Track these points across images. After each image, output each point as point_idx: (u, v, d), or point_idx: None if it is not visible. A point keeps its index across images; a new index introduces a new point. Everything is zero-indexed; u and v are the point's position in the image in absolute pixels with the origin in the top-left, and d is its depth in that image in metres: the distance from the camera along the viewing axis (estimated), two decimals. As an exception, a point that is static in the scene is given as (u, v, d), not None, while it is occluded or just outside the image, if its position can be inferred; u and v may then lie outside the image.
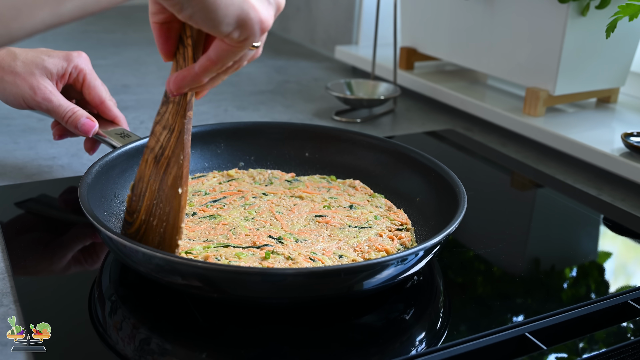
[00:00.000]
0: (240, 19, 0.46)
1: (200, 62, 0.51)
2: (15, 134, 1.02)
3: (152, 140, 0.56)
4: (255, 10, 0.47)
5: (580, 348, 0.59)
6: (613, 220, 0.84)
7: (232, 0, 0.45)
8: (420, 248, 0.57)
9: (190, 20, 0.46)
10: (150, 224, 0.58)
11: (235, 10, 0.45)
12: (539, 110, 1.07)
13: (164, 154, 0.55)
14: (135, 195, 0.58)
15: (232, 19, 0.46)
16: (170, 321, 0.59)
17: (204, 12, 0.45)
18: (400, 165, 0.79)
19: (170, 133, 0.55)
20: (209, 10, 0.45)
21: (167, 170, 0.55)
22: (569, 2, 0.98)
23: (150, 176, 0.56)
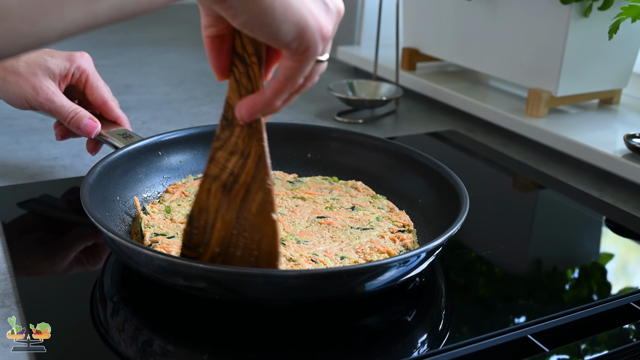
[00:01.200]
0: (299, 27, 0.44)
1: (271, 86, 0.48)
2: (18, 134, 1.02)
3: (215, 169, 0.52)
4: (314, 17, 0.44)
5: (582, 350, 0.59)
6: (615, 222, 0.84)
7: (290, 6, 0.42)
8: (422, 250, 0.57)
9: (246, 28, 0.43)
10: (232, 255, 0.54)
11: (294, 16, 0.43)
12: (541, 111, 1.07)
13: (237, 181, 0.52)
14: (198, 228, 0.54)
15: (291, 25, 0.43)
16: (172, 322, 0.59)
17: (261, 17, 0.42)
18: (402, 166, 0.79)
19: (244, 158, 0.51)
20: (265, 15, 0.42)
21: (248, 198, 0.52)
22: (571, 3, 0.98)
23: (219, 206, 0.53)
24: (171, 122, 1.12)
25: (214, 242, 0.54)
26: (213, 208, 0.53)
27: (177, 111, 1.18)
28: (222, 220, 0.53)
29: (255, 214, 0.52)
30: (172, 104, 1.22)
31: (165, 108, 1.20)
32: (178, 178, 0.80)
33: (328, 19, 0.45)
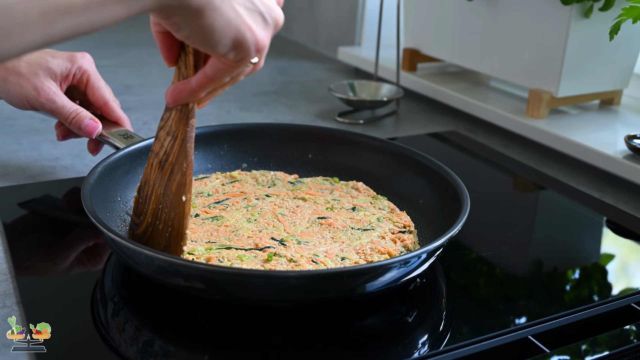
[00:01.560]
0: (236, 41, 0.47)
1: (197, 78, 0.52)
2: (19, 134, 1.02)
3: (157, 145, 0.57)
4: (251, 32, 0.47)
5: (583, 351, 0.59)
6: (616, 223, 0.84)
7: (228, 23, 0.46)
8: (423, 251, 0.57)
9: (187, 40, 0.47)
10: (157, 228, 0.58)
11: (231, 32, 0.46)
12: (542, 112, 1.07)
13: (168, 159, 0.56)
14: (142, 197, 0.59)
15: (229, 40, 0.47)
16: (172, 323, 0.59)
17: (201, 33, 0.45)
18: (403, 167, 0.79)
19: (174, 140, 0.55)
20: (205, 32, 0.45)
21: (172, 177, 0.56)
22: (572, 4, 0.98)
23: (155, 180, 0.57)
24: (172, 123, 1.12)
25: (149, 212, 0.58)
26: (152, 181, 0.57)
27: (178, 112, 1.18)
28: (155, 193, 0.57)
29: (173, 193, 0.56)
30: (173, 104, 1.22)
31: (166, 108, 1.20)
32: (179, 178, 0.80)
33: (265, 33, 0.49)
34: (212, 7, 0.44)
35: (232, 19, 0.46)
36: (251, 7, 0.47)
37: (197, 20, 0.44)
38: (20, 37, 0.36)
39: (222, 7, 0.45)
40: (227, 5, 0.45)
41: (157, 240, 0.60)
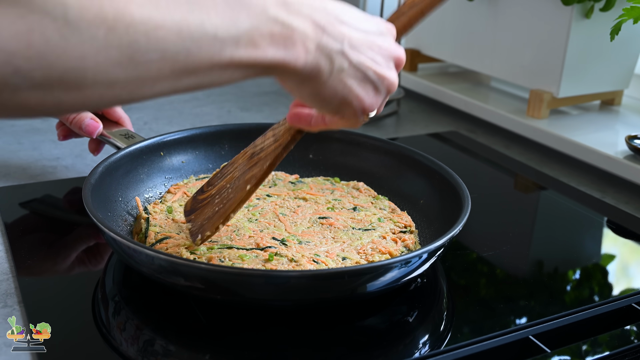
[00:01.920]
0: (343, 106, 0.51)
1: (316, 119, 0.56)
2: (19, 134, 1.02)
3: (260, 140, 0.62)
4: (358, 100, 0.51)
5: (584, 351, 0.59)
6: (617, 223, 0.84)
7: (335, 93, 0.50)
8: (424, 250, 0.57)
9: (301, 100, 0.52)
10: (214, 200, 0.62)
11: (337, 100, 0.50)
12: (543, 112, 1.07)
13: (259, 154, 0.60)
14: (221, 173, 0.64)
15: (335, 106, 0.51)
16: (173, 323, 0.59)
17: (310, 97, 0.50)
18: (404, 167, 0.79)
19: (274, 142, 0.60)
20: (314, 97, 0.50)
21: (252, 168, 0.60)
22: (573, 4, 0.98)
23: (239, 165, 0.62)
24: (173, 123, 1.12)
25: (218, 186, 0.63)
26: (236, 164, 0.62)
27: (178, 112, 1.18)
28: (232, 175, 0.62)
29: (244, 180, 0.60)
30: (174, 104, 1.22)
31: (167, 109, 1.20)
32: (180, 178, 0.80)
33: (375, 99, 0.52)
34: (319, 81, 0.48)
35: (339, 91, 0.50)
36: (363, 78, 0.50)
37: (306, 89, 0.49)
38: (151, 88, 0.41)
39: (329, 81, 0.49)
40: (335, 79, 0.49)
41: (207, 210, 0.63)
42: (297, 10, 0.46)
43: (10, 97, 0.37)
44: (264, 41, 0.44)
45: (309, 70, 0.47)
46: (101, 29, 0.37)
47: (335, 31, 0.48)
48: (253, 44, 0.43)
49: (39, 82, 0.37)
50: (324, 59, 0.47)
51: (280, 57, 0.45)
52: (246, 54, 0.43)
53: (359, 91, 0.51)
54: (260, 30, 0.43)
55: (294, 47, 0.45)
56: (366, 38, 0.50)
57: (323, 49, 0.47)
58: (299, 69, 0.46)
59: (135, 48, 0.38)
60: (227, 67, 0.43)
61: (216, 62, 0.42)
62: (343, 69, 0.49)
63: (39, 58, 0.36)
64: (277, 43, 0.44)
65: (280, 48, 0.45)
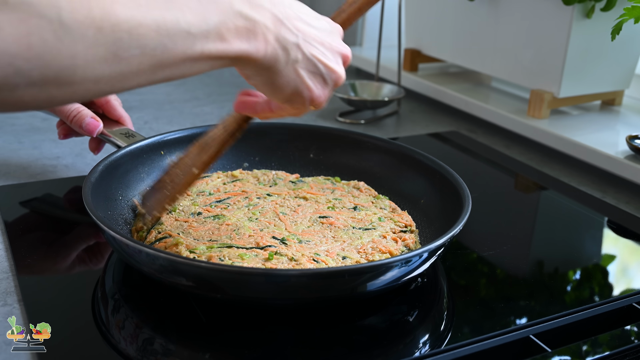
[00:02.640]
0: (293, 96, 0.55)
1: (262, 106, 0.59)
2: (20, 133, 1.02)
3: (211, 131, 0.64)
4: (309, 90, 0.55)
5: (584, 351, 0.59)
6: (617, 223, 0.84)
7: (288, 82, 0.53)
8: (424, 250, 0.57)
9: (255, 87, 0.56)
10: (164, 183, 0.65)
11: (290, 89, 0.54)
12: (543, 112, 1.07)
13: (209, 142, 0.63)
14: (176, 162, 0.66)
15: (287, 94, 0.55)
16: (173, 321, 0.59)
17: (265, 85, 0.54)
18: (404, 167, 0.79)
19: (223, 130, 0.63)
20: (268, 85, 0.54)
21: (201, 154, 0.64)
22: (574, 4, 0.98)
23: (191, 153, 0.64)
24: (173, 122, 1.12)
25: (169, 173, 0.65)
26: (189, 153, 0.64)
27: (179, 111, 1.18)
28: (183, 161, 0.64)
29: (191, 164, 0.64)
30: (174, 104, 1.22)
31: (167, 108, 1.20)
32: (180, 177, 0.80)
33: (322, 91, 0.56)
34: (275, 70, 0.52)
35: (292, 80, 0.54)
36: (314, 70, 0.55)
37: (263, 76, 0.53)
38: (131, 81, 0.44)
39: (284, 70, 0.53)
40: (289, 68, 0.53)
41: (158, 194, 0.65)
42: (259, 4, 0.50)
43: (7, 95, 0.39)
44: (231, 35, 0.48)
45: (267, 60, 0.51)
46: (90, 29, 0.40)
47: (292, 25, 0.52)
48: (221, 38, 0.47)
49: (35, 81, 0.39)
50: (281, 50, 0.51)
51: (244, 49, 0.49)
52: (215, 47, 0.47)
53: (310, 82, 0.55)
54: (227, 24, 0.47)
55: (256, 39, 0.49)
56: (318, 34, 0.55)
57: (281, 40, 0.51)
58: (259, 59, 0.50)
59: (119, 45, 0.42)
60: (197, 59, 0.47)
61: (188, 56, 0.46)
62: (297, 60, 0.53)
63: (37, 59, 0.39)
64: (242, 36, 0.48)
65: (244, 40, 0.49)
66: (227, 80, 1.40)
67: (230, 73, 1.46)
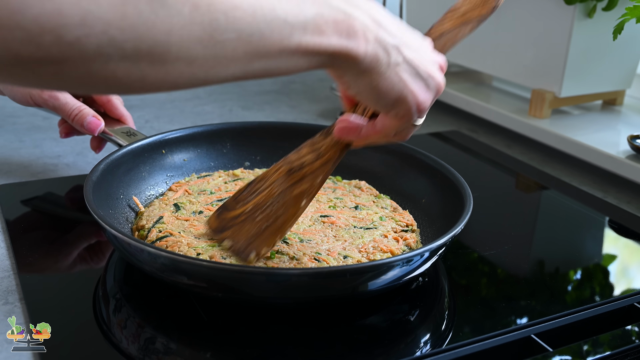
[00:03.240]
0: (398, 101, 0.53)
1: (367, 128, 0.58)
2: (21, 132, 1.02)
3: (295, 156, 0.61)
4: (413, 95, 0.53)
5: (585, 351, 0.58)
6: (618, 223, 0.84)
7: (392, 86, 0.51)
8: (425, 249, 0.57)
9: (356, 96, 0.53)
10: (253, 217, 0.60)
11: (394, 94, 0.52)
12: (545, 112, 1.07)
13: (301, 170, 0.60)
14: (251, 189, 0.62)
15: (391, 100, 0.53)
16: (174, 320, 0.59)
17: (367, 92, 0.52)
18: (406, 166, 0.79)
19: (318, 158, 0.60)
20: (371, 91, 0.52)
21: (298, 183, 0.60)
22: (575, 3, 0.98)
23: (275, 181, 0.60)
24: (174, 121, 1.12)
25: (252, 202, 0.61)
26: (270, 180, 0.61)
27: (180, 110, 1.18)
28: (269, 192, 0.60)
29: (294, 196, 0.59)
30: (175, 102, 1.22)
31: (169, 107, 1.20)
32: (182, 176, 0.80)
33: (426, 96, 0.54)
34: (378, 72, 0.50)
35: (396, 83, 0.52)
36: (416, 74, 0.53)
37: (364, 81, 0.51)
38: (225, 69, 0.43)
39: (386, 72, 0.51)
40: (392, 71, 0.51)
41: (247, 227, 0.60)
42: (356, 3, 0.48)
43: (101, 67, 0.38)
44: (329, 28, 0.46)
45: (369, 60, 0.49)
46: (187, 6, 0.39)
47: (390, 28, 0.50)
48: (319, 31, 0.45)
49: (129, 54, 0.38)
50: (382, 51, 0.49)
51: (344, 45, 0.47)
52: (312, 40, 0.45)
53: (413, 86, 0.53)
54: (325, 17, 0.46)
55: (355, 35, 0.47)
56: (414, 41, 0.53)
57: (381, 41, 0.49)
58: (360, 58, 0.48)
59: (214, 26, 0.40)
60: (294, 52, 0.45)
61: (285, 47, 0.44)
62: (398, 63, 0.51)
63: (131, 29, 0.38)
64: (341, 31, 0.47)
65: (344, 36, 0.47)
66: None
67: (232, 72, 1.46)
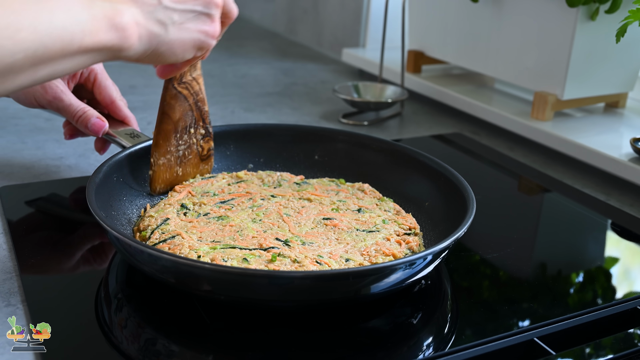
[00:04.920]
0: (196, 48, 0.60)
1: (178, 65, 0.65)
2: (23, 133, 1.02)
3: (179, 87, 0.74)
4: (205, 33, 0.59)
5: (587, 354, 0.58)
6: (621, 226, 0.84)
7: (182, 41, 0.58)
8: (428, 252, 0.57)
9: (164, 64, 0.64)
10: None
11: (189, 45, 0.59)
12: (547, 114, 1.07)
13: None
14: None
15: (191, 50, 0.60)
16: (176, 322, 0.59)
17: (170, 61, 0.60)
18: (410, 169, 0.79)
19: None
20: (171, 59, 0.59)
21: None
22: (578, 6, 0.98)
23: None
24: (177, 123, 1.12)
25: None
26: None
27: (182, 112, 1.18)
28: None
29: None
30: (178, 104, 1.22)
31: (171, 108, 1.20)
32: (184, 178, 0.80)
33: (213, 25, 0.60)
34: (163, 42, 0.56)
35: (185, 37, 0.58)
36: (192, 14, 0.58)
37: (160, 56, 0.58)
38: (12, 81, 0.48)
39: (169, 35, 0.57)
40: (172, 31, 0.57)
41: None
42: None
43: None
44: (102, 26, 0.52)
45: (146, 40, 0.55)
46: None
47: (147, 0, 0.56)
48: (95, 30, 0.51)
49: None
50: (156, 24, 0.55)
51: (116, 38, 0.53)
52: (91, 39, 0.51)
53: (200, 26, 0.59)
54: (97, 17, 0.51)
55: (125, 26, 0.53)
56: None
57: (151, 16, 0.55)
58: (136, 43, 0.54)
59: (3, 53, 0.46)
60: (76, 54, 0.51)
61: (67, 51, 0.50)
62: (174, 20, 0.57)
63: None
64: (113, 26, 0.52)
65: (113, 30, 0.52)
66: (230, 82, 1.40)
67: (233, 74, 1.46)
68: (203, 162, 0.80)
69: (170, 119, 0.74)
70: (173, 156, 0.76)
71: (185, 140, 0.77)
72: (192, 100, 0.75)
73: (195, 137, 0.78)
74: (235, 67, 1.53)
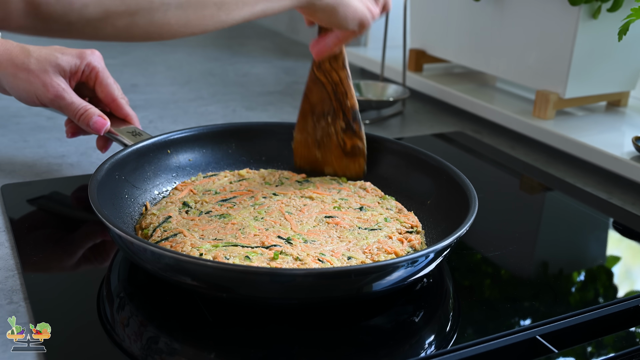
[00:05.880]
0: (361, 21, 0.68)
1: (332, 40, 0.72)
2: (25, 132, 1.02)
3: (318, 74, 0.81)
4: (370, 12, 0.68)
5: (589, 352, 0.58)
6: (623, 224, 0.84)
7: (355, 11, 0.66)
8: (430, 250, 0.57)
9: (328, 26, 0.69)
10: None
11: (358, 17, 0.67)
12: (549, 113, 1.07)
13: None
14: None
15: (356, 22, 0.68)
16: (179, 320, 0.59)
17: (337, 22, 0.67)
18: (411, 167, 0.79)
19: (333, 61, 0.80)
20: (340, 20, 0.67)
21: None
22: (580, 4, 0.98)
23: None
24: (178, 122, 1.12)
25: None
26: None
27: (183, 111, 1.19)
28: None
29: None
30: (179, 103, 1.23)
31: (172, 107, 1.20)
32: (187, 176, 0.80)
33: (376, 8, 0.70)
34: (343, 3, 0.65)
35: (359, 8, 0.67)
36: None
37: (335, 14, 0.65)
38: (240, 11, 0.55)
39: (350, 1, 0.65)
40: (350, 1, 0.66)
41: None
42: None
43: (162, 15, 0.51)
44: None
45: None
46: None
47: None
48: None
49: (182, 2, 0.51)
50: None
51: None
52: None
53: (369, 4, 0.69)
54: None
55: None
56: None
57: None
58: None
59: None
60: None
61: None
62: None
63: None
64: None
65: None
66: (231, 80, 1.40)
67: (235, 73, 1.46)
68: (348, 159, 0.82)
69: (308, 100, 0.80)
70: (310, 137, 0.82)
71: (322, 126, 0.81)
72: (331, 89, 0.80)
73: (334, 127, 0.81)
74: (236, 66, 1.53)
